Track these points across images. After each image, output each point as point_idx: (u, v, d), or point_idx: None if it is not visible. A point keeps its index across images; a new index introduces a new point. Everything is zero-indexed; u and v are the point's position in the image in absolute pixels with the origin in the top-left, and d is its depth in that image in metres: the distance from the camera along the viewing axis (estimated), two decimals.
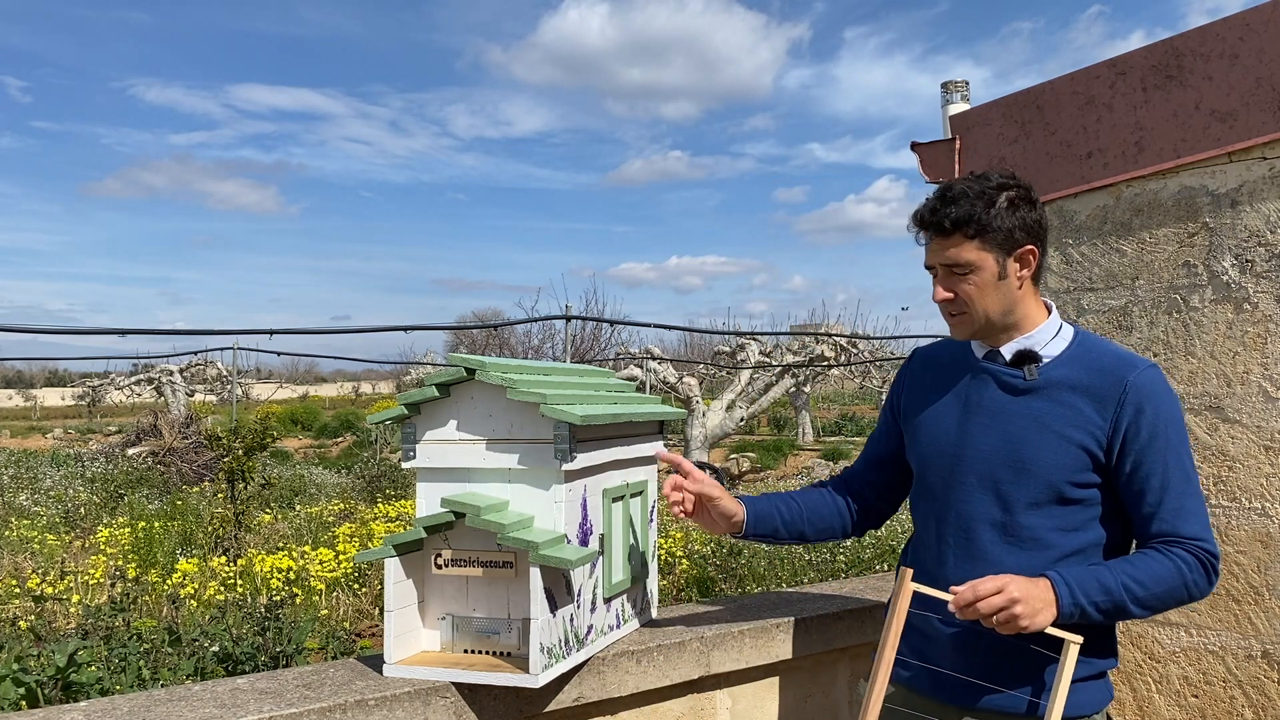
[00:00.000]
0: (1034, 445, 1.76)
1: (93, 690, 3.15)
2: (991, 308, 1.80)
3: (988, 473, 1.80)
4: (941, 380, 1.94)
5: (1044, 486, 1.76)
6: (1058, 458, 1.75)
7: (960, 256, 1.77)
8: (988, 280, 1.78)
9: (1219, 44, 2.45)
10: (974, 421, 1.83)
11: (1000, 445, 1.79)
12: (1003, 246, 1.77)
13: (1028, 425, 1.78)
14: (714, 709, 2.16)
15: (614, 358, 19.78)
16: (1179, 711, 2.57)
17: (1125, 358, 1.81)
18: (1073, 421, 1.76)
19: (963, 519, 1.82)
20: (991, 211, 1.75)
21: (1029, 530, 1.76)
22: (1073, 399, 1.77)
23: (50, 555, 7.89)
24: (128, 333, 9.34)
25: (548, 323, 19.39)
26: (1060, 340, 1.84)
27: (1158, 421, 1.76)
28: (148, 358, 27.97)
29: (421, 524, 1.78)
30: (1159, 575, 1.72)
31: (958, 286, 1.79)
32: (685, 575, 6.70)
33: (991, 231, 1.75)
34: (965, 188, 1.77)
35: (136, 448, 15.38)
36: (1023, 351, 1.82)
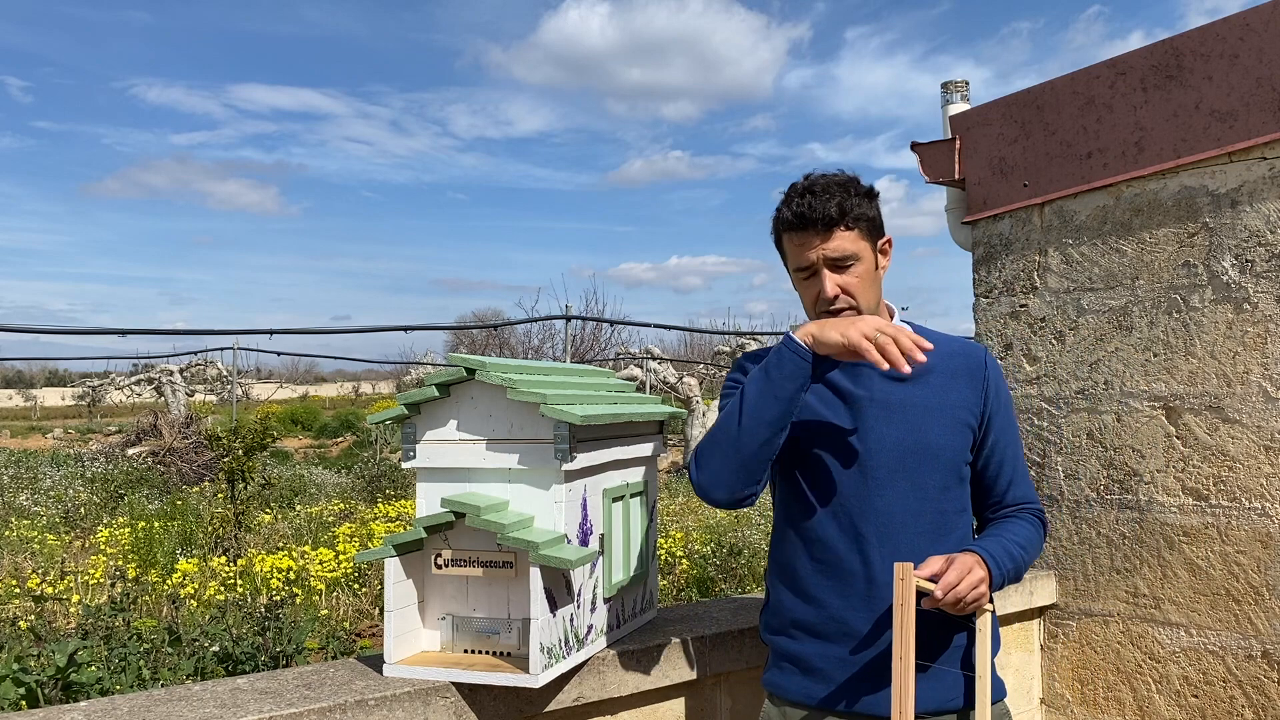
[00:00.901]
0: (936, 429, 1.80)
1: (93, 690, 3.15)
2: (871, 299, 1.82)
3: (898, 462, 1.79)
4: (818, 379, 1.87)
5: (948, 469, 1.81)
6: (955, 439, 1.81)
7: (845, 248, 1.77)
8: (868, 271, 1.80)
9: (1219, 44, 2.45)
10: (871, 413, 1.81)
11: (906, 433, 1.79)
12: (873, 236, 1.82)
13: (925, 412, 1.81)
14: (713, 709, 2.16)
15: (614, 358, 19.78)
16: (1179, 711, 2.57)
17: (968, 341, 1.94)
18: (959, 403, 1.83)
19: (881, 514, 1.79)
20: (862, 201, 1.78)
21: (941, 515, 1.80)
22: (949, 381, 1.84)
23: (50, 555, 7.89)
24: (128, 333, 9.35)
25: (548, 323, 19.40)
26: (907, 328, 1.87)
27: (1007, 398, 1.91)
28: (148, 358, 27.99)
29: (421, 524, 1.78)
30: (1032, 540, 1.85)
31: (845, 280, 1.78)
32: (685, 575, 6.70)
33: (866, 221, 1.79)
34: (828, 181, 1.78)
35: (136, 448, 15.39)
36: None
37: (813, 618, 1.82)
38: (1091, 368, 2.75)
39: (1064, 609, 2.82)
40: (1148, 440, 2.63)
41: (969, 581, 1.65)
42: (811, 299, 1.82)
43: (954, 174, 3.04)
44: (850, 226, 1.77)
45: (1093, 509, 2.75)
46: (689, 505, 10.44)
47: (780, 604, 1.89)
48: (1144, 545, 2.63)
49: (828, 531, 1.83)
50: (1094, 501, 2.74)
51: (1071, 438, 2.80)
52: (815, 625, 1.82)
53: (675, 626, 2.15)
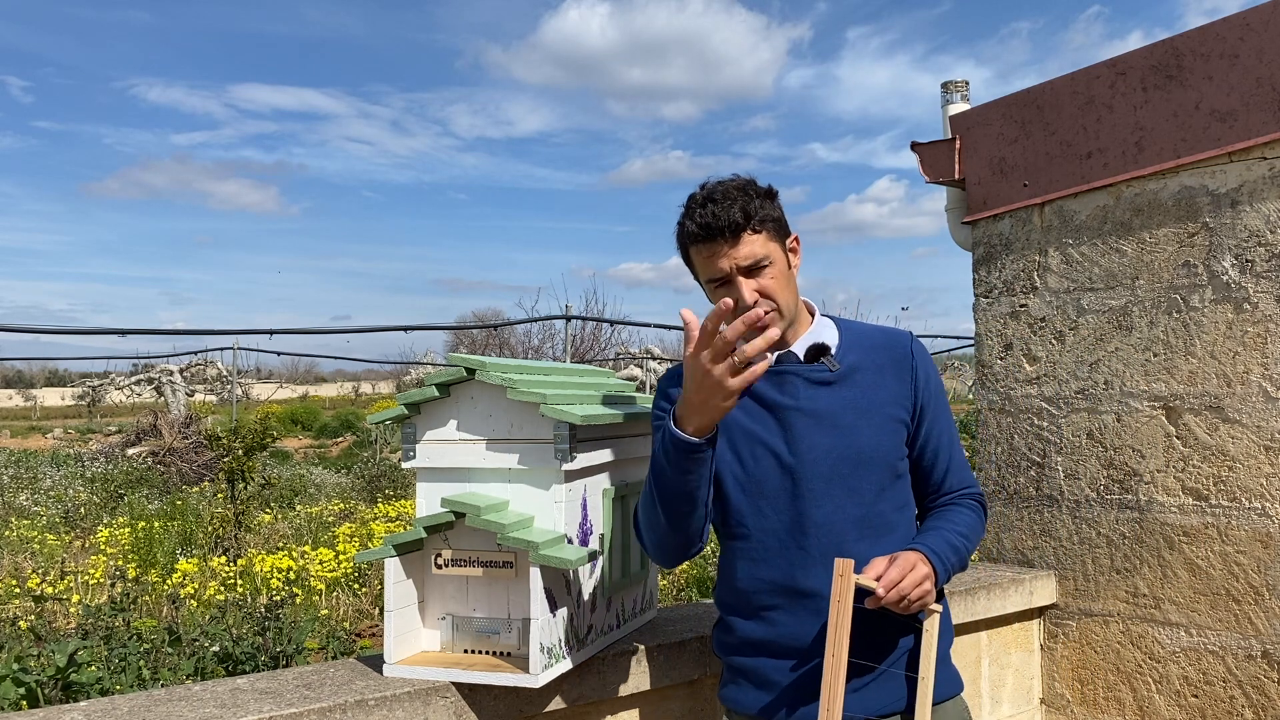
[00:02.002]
0: (867, 431, 1.76)
1: (93, 690, 3.15)
2: (789, 300, 1.77)
3: (832, 471, 1.75)
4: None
5: (883, 469, 1.77)
6: (888, 438, 1.78)
7: (756, 252, 1.72)
8: (781, 272, 1.76)
9: (1219, 44, 2.45)
10: (799, 423, 1.76)
11: (836, 439, 1.75)
12: (780, 235, 1.78)
13: (853, 413, 1.77)
14: (714, 709, 2.16)
15: (614, 358, 19.77)
16: (1179, 711, 2.57)
17: (892, 331, 1.89)
18: (887, 399, 1.79)
19: (820, 524, 1.74)
20: (764, 203, 1.74)
21: (881, 517, 1.77)
22: (876, 378, 1.80)
23: (50, 555, 7.89)
24: (128, 333, 9.35)
25: (548, 323, 19.39)
26: (831, 330, 1.85)
27: (938, 384, 1.86)
28: (148, 358, 28.00)
29: (421, 524, 1.78)
30: (973, 527, 1.83)
31: (762, 283, 1.74)
32: (685, 575, 6.70)
33: (771, 221, 1.75)
34: (727, 187, 1.74)
35: (136, 448, 15.39)
36: (815, 346, 1.81)
37: (764, 635, 1.78)
38: (1091, 368, 2.75)
39: (1064, 609, 2.82)
40: (1148, 440, 2.63)
41: (912, 579, 1.62)
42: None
43: (954, 174, 3.04)
44: (758, 229, 1.72)
45: (1093, 509, 2.75)
46: None
47: (732, 623, 1.84)
48: (1144, 545, 2.63)
49: (768, 549, 1.78)
50: (1094, 501, 2.74)
51: (1071, 438, 2.80)
52: (767, 642, 1.78)
53: (675, 626, 2.15)
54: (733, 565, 1.83)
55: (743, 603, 1.81)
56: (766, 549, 1.78)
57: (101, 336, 16.13)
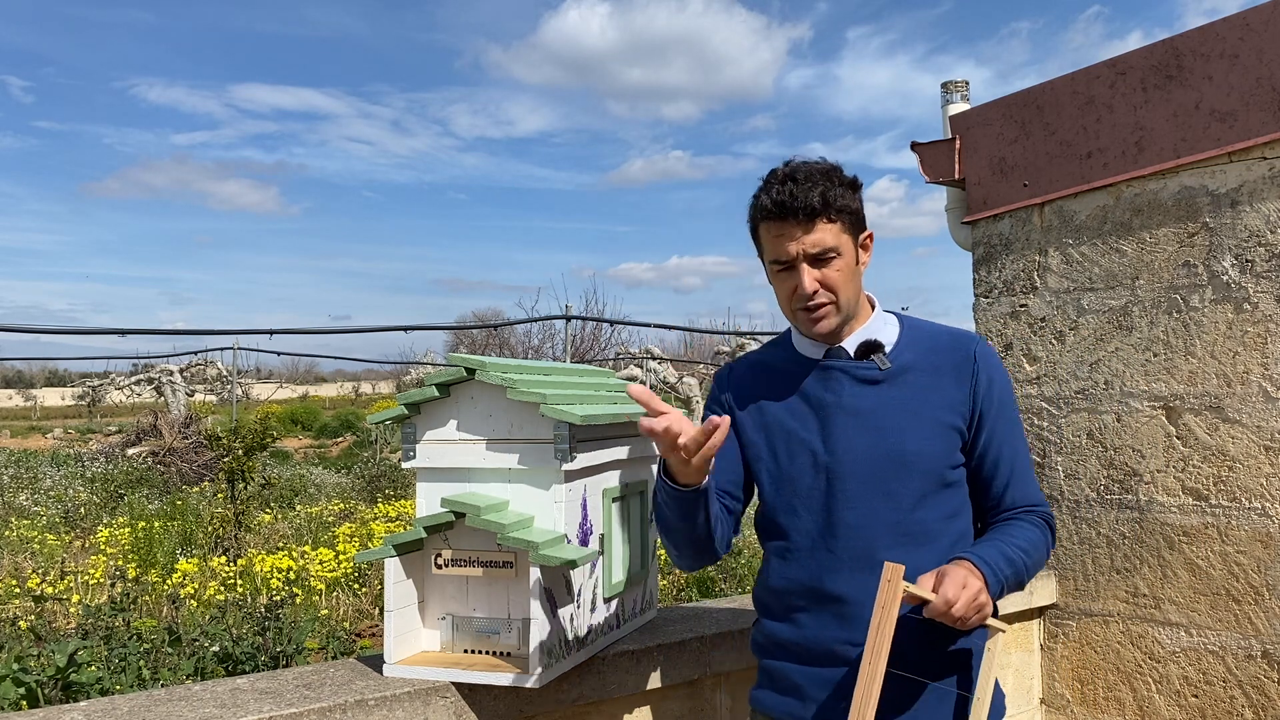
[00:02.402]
0: (912, 435, 1.68)
1: (93, 690, 3.15)
2: (851, 296, 1.71)
3: (869, 473, 1.68)
4: (779, 389, 1.80)
5: (928, 475, 1.68)
6: (936, 443, 1.69)
7: (826, 241, 1.65)
8: (848, 266, 1.69)
9: (1219, 44, 2.45)
10: (839, 422, 1.71)
11: (876, 441, 1.68)
12: (854, 230, 1.70)
13: (899, 415, 1.69)
14: (714, 709, 2.16)
15: (614, 358, 19.77)
16: (1179, 711, 2.57)
17: (959, 332, 1.79)
18: (940, 403, 1.70)
19: (852, 527, 1.68)
20: (844, 192, 1.67)
21: (920, 525, 1.67)
22: (931, 380, 1.71)
23: (50, 555, 7.89)
24: (128, 333, 9.35)
25: (548, 323, 19.39)
26: (891, 327, 1.78)
27: (1004, 392, 1.75)
28: (148, 358, 27.99)
29: (421, 524, 1.78)
30: (1035, 543, 1.71)
31: (826, 274, 1.67)
32: (685, 575, 6.70)
33: (849, 214, 1.68)
34: (811, 169, 1.67)
35: (136, 448, 15.39)
36: (867, 342, 1.74)
37: (790, 637, 1.74)
38: (1092, 368, 2.75)
39: (1064, 609, 2.82)
40: (1148, 440, 2.63)
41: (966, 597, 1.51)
42: (787, 294, 1.71)
43: (954, 174, 3.04)
44: (833, 219, 1.66)
45: (1093, 509, 2.75)
46: None
47: (764, 623, 1.82)
48: (1144, 545, 2.63)
49: (799, 549, 1.74)
50: (1094, 501, 2.74)
51: (1071, 438, 2.80)
52: (794, 645, 1.74)
53: (675, 626, 2.15)
54: (768, 563, 1.81)
55: (775, 603, 1.78)
56: (798, 549, 1.74)
57: (101, 336, 16.14)
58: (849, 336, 1.75)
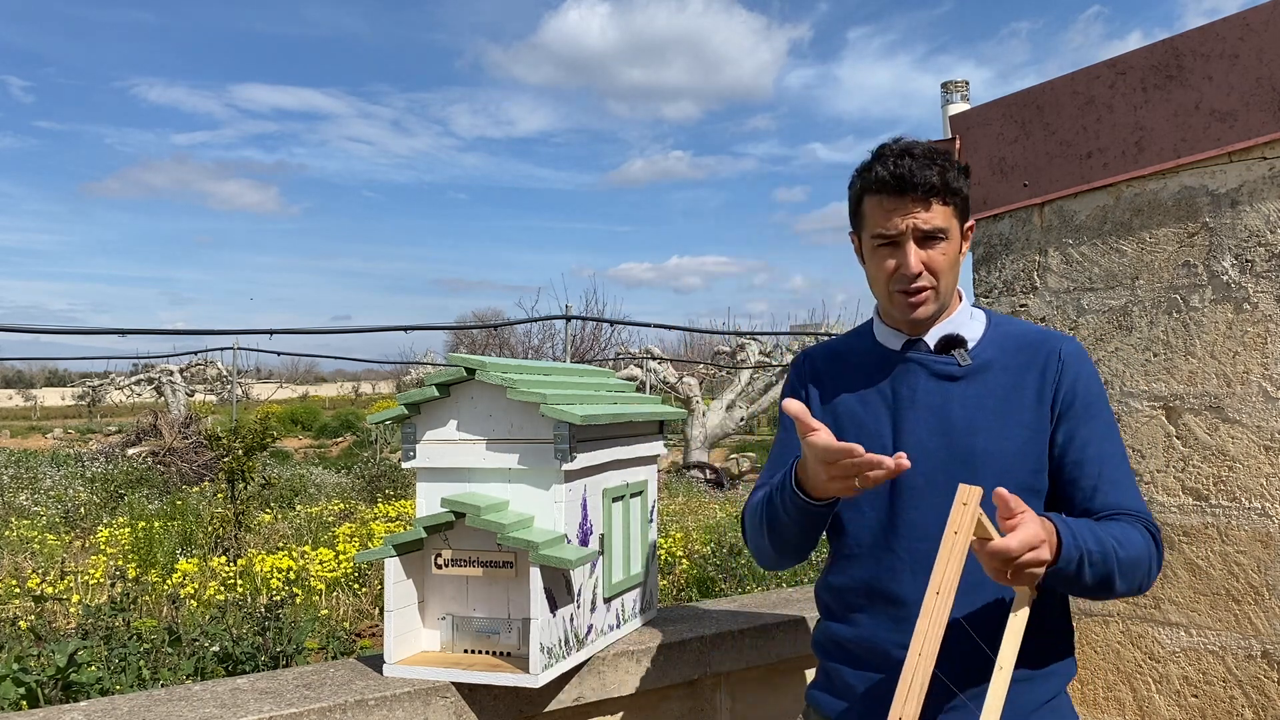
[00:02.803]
0: (986, 435, 1.61)
1: (93, 690, 3.15)
2: (950, 284, 1.66)
3: (938, 472, 1.61)
4: (854, 379, 1.74)
5: (1001, 478, 1.57)
6: (1011, 445, 1.61)
7: (938, 222, 1.59)
8: (954, 251, 1.64)
9: (1219, 44, 2.45)
10: (910, 417, 1.65)
11: (947, 440, 1.62)
12: (963, 215, 1.66)
13: (974, 413, 1.62)
14: (714, 709, 2.16)
15: (614, 358, 19.78)
16: (1179, 711, 2.57)
17: (1047, 331, 1.72)
18: (1019, 403, 1.63)
19: (916, 528, 1.62)
20: (958, 176, 1.63)
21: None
22: (1012, 379, 1.64)
23: (50, 555, 7.89)
24: (128, 332, 9.35)
25: (548, 323, 19.40)
26: (977, 323, 1.72)
27: (1091, 392, 1.67)
28: (148, 358, 28.03)
29: (421, 524, 1.78)
30: (1134, 540, 1.57)
31: (932, 256, 1.61)
32: (685, 575, 6.70)
33: (961, 198, 1.64)
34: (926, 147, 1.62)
35: (136, 448, 15.39)
36: (949, 336, 1.67)
37: (846, 636, 1.70)
38: None
39: None
40: (1148, 440, 2.64)
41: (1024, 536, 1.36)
42: (887, 272, 1.63)
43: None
44: (947, 201, 1.60)
45: None
46: (689, 505, 10.44)
47: (824, 623, 1.78)
48: None
49: (861, 546, 1.69)
50: None
51: None
52: (851, 646, 1.69)
53: (675, 626, 2.15)
54: (831, 561, 1.77)
55: (835, 601, 1.74)
56: (860, 546, 1.69)
57: (101, 336, 16.14)
58: (932, 329, 1.69)
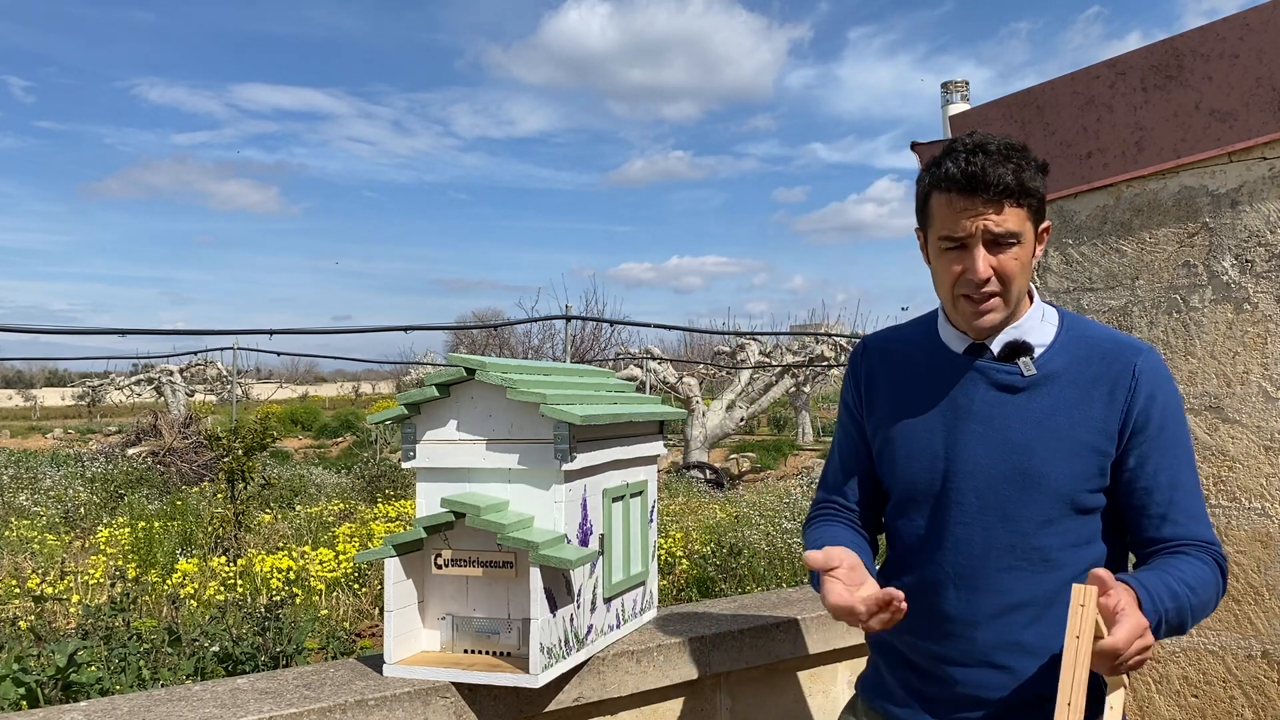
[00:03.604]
0: (1043, 453, 1.52)
1: (93, 690, 3.15)
2: (1021, 289, 1.54)
3: (989, 490, 1.54)
4: (911, 382, 1.66)
5: (1057, 500, 1.52)
6: (1071, 465, 1.52)
7: (1009, 224, 1.48)
8: (1026, 255, 1.52)
9: (1219, 44, 2.45)
10: (965, 430, 1.57)
11: (1002, 456, 1.54)
12: (1038, 218, 1.54)
13: (1033, 430, 1.53)
14: (714, 709, 2.16)
15: (614, 358, 19.78)
16: (1179, 711, 2.57)
17: (1125, 340, 1.58)
18: (1083, 420, 1.52)
19: (962, 544, 1.56)
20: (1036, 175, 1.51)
21: (1041, 552, 1.52)
22: (1078, 393, 1.53)
23: (50, 555, 7.89)
24: (128, 333, 9.34)
25: (548, 323, 19.40)
26: (1048, 325, 1.60)
27: (1167, 412, 1.54)
28: (148, 358, 28.04)
29: (421, 524, 1.78)
30: (1205, 580, 1.48)
31: (1000, 261, 1.50)
32: (685, 575, 6.70)
33: (1037, 199, 1.51)
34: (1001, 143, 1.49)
35: (136, 448, 15.39)
36: (1015, 343, 1.57)
37: (891, 640, 1.68)
38: None
39: None
40: None
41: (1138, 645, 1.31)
42: (953, 276, 1.53)
43: None
44: (1022, 202, 1.49)
45: None
46: (689, 505, 10.44)
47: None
48: None
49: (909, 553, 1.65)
50: None
51: None
52: (891, 649, 1.69)
53: (675, 626, 2.15)
54: (885, 559, 1.74)
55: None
56: (908, 553, 1.65)
57: (101, 336, 16.14)
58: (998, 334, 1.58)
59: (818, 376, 22.82)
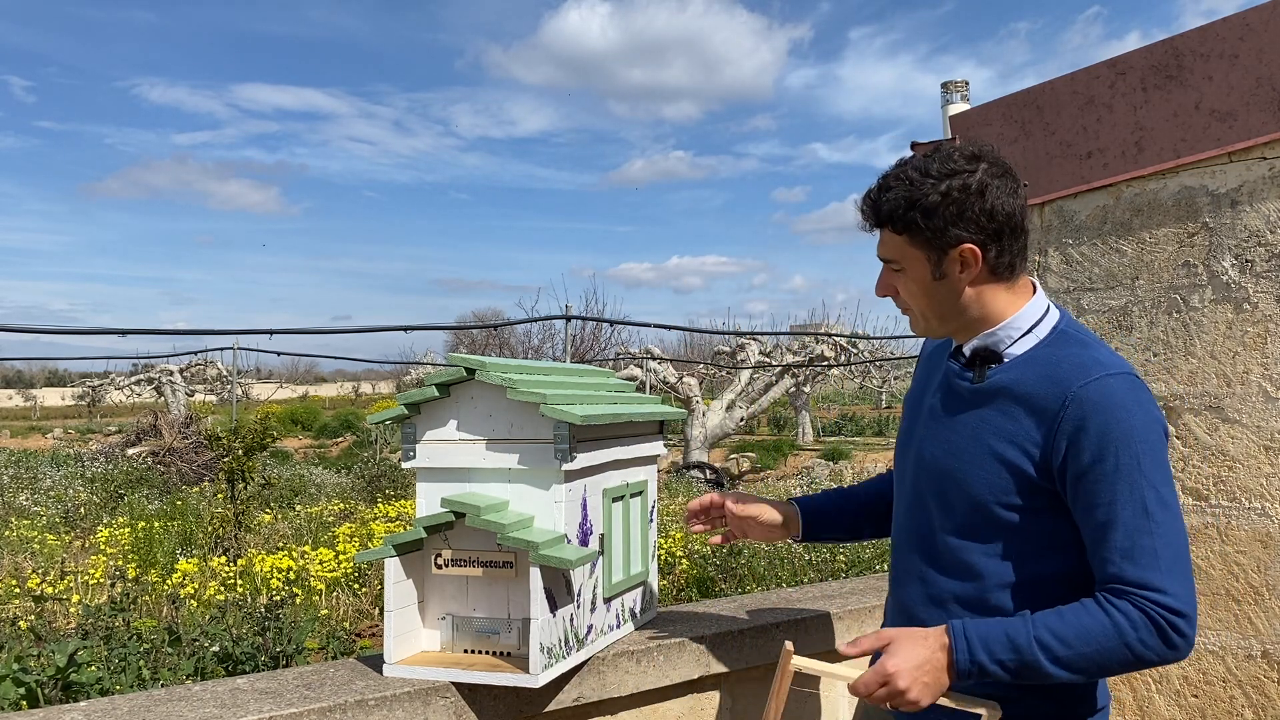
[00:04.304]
0: (963, 459, 1.57)
1: (93, 690, 3.15)
2: (929, 309, 1.61)
3: (924, 486, 1.64)
4: (928, 372, 1.79)
5: (973, 507, 1.56)
6: (986, 476, 1.54)
7: (888, 252, 1.60)
8: (921, 279, 1.58)
9: (1219, 44, 2.45)
10: (925, 426, 1.68)
11: (937, 456, 1.62)
12: (933, 245, 1.55)
13: (964, 437, 1.59)
14: (714, 709, 2.16)
15: (614, 358, 19.78)
16: (1179, 711, 2.57)
17: (1084, 363, 1.52)
18: (1007, 435, 1.54)
19: (905, 532, 1.70)
20: (921, 207, 1.53)
21: (952, 554, 1.59)
22: (1014, 409, 1.55)
23: (50, 555, 7.89)
24: (128, 332, 9.35)
25: (548, 323, 19.41)
26: (1030, 338, 1.59)
27: (1106, 441, 1.46)
28: (148, 358, 28.06)
29: (421, 524, 1.78)
30: (1089, 632, 1.42)
31: (896, 282, 1.62)
32: (685, 575, 6.70)
33: (917, 229, 1.54)
34: (902, 174, 1.56)
35: (136, 448, 15.39)
36: (981, 350, 1.61)
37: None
38: None
39: None
40: None
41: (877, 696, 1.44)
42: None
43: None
44: (900, 231, 1.56)
45: None
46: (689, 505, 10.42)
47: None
48: None
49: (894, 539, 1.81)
50: None
51: None
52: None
53: (675, 626, 2.15)
54: None
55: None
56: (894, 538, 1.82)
57: (101, 336, 16.15)
58: (972, 340, 1.63)
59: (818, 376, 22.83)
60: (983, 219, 1.52)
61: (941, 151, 1.57)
